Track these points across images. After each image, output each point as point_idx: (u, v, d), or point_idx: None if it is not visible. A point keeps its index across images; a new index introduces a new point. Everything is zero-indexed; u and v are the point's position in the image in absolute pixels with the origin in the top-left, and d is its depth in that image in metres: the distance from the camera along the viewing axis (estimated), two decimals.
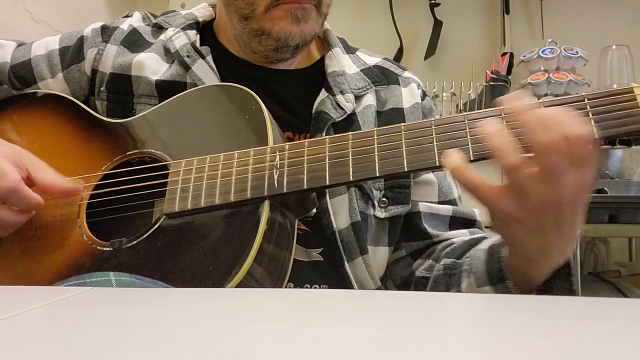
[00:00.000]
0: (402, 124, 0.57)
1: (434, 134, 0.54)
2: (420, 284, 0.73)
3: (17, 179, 0.59)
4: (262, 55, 0.75)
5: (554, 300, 0.43)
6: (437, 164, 0.53)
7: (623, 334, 0.28)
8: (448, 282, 0.68)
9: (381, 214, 0.72)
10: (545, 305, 0.37)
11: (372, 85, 0.77)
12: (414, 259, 0.75)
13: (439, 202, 0.77)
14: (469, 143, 0.53)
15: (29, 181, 0.62)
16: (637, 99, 0.50)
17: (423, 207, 0.75)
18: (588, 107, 0.51)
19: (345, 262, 0.68)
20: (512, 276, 0.58)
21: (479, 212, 0.78)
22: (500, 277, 0.58)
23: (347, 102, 0.72)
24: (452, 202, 0.78)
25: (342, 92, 0.73)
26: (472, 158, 0.52)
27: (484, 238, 0.67)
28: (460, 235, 0.74)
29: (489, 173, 0.52)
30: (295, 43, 0.70)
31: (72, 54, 0.76)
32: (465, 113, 0.54)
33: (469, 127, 0.53)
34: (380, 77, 0.79)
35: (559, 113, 0.48)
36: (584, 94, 0.52)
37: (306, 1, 0.68)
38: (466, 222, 0.77)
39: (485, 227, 0.77)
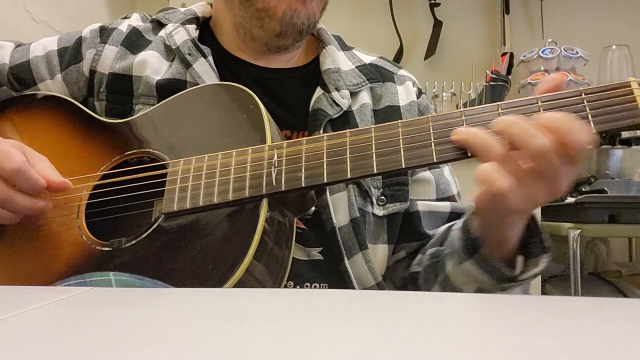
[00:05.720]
0: (399, 120, 0.56)
1: (431, 130, 0.54)
2: (414, 279, 0.73)
3: (23, 160, 0.59)
4: (262, 43, 0.75)
5: (554, 300, 0.43)
6: (435, 160, 0.53)
7: (623, 334, 0.28)
8: (435, 269, 0.68)
9: (379, 212, 0.72)
10: (545, 305, 0.37)
11: (367, 82, 0.77)
12: (412, 259, 0.75)
13: (437, 200, 0.77)
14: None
15: None
16: (634, 93, 0.50)
17: (421, 205, 0.75)
18: (585, 101, 0.51)
19: (345, 259, 0.68)
20: (485, 242, 0.58)
21: None
22: (475, 247, 0.59)
23: (343, 99, 0.73)
24: (450, 199, 0.78)
25: (337, 89, 0.73)
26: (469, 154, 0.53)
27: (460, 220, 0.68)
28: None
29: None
30: (301, 22, 0.71)
31: (70, 54, 0.77)
32: (463, 109, 0.54)
33: (466, 122, 0.53)
34: (376, 74, 0.79)
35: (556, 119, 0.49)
36: (580, 88, 0.52)
37: None
38: None
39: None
